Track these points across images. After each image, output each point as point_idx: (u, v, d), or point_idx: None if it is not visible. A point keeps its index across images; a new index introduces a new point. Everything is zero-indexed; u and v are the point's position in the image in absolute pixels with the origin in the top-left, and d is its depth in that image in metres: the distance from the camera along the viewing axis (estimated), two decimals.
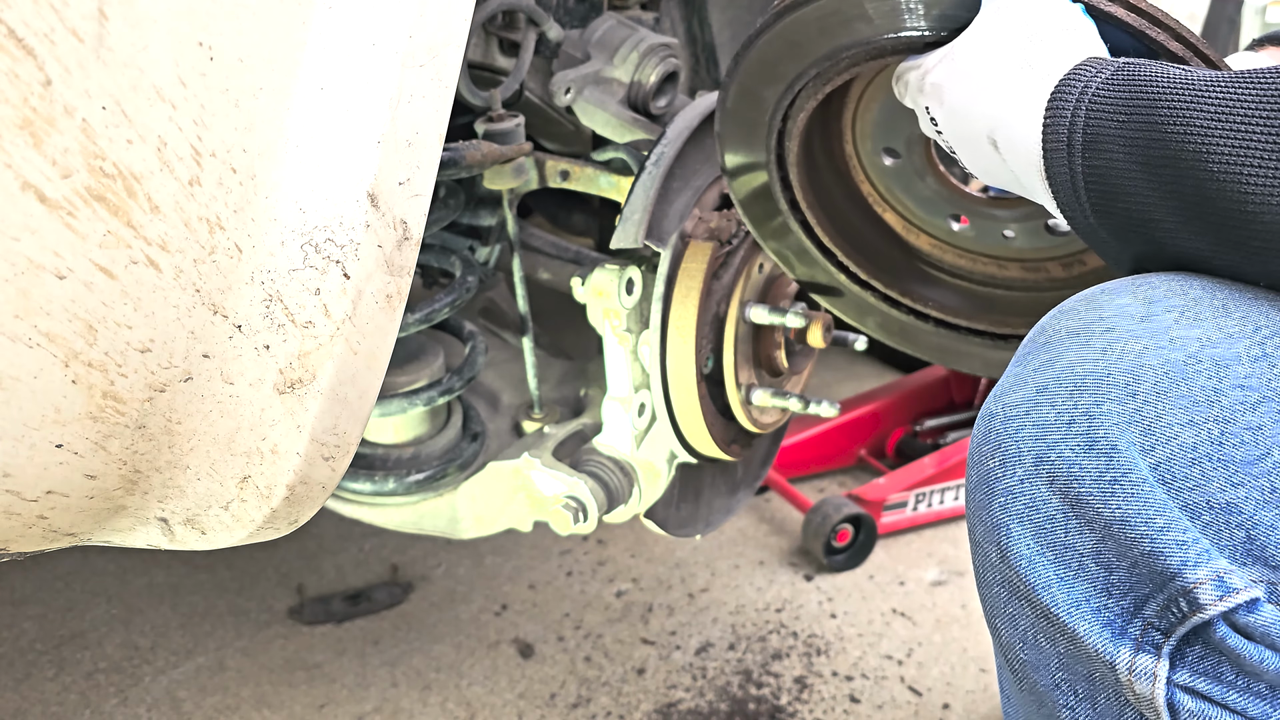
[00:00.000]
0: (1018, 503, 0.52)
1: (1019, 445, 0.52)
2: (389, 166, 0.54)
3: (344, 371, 0.55)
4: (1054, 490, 0.50)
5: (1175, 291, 0.52)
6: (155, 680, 1.38)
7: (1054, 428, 0.51)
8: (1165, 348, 0.49)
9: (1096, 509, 0.49)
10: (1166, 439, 0.47)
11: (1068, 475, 0.50)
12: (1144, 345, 0.50)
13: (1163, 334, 0.50)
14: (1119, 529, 0.48)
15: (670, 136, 0.86)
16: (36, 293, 0.43)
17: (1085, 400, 0.50)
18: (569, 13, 1.01)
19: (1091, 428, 0.49)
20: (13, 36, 0.39)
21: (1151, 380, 0.49)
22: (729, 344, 0.91)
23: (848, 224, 0.87)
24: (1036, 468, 0.51)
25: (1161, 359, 0.49)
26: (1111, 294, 0.54)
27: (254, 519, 0.58)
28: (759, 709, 1.34)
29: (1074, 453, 0.50)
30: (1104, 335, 0.52)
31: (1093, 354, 0.51)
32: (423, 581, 1.62)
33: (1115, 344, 0.51)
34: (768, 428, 1.01)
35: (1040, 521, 0.51)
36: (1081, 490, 0.49)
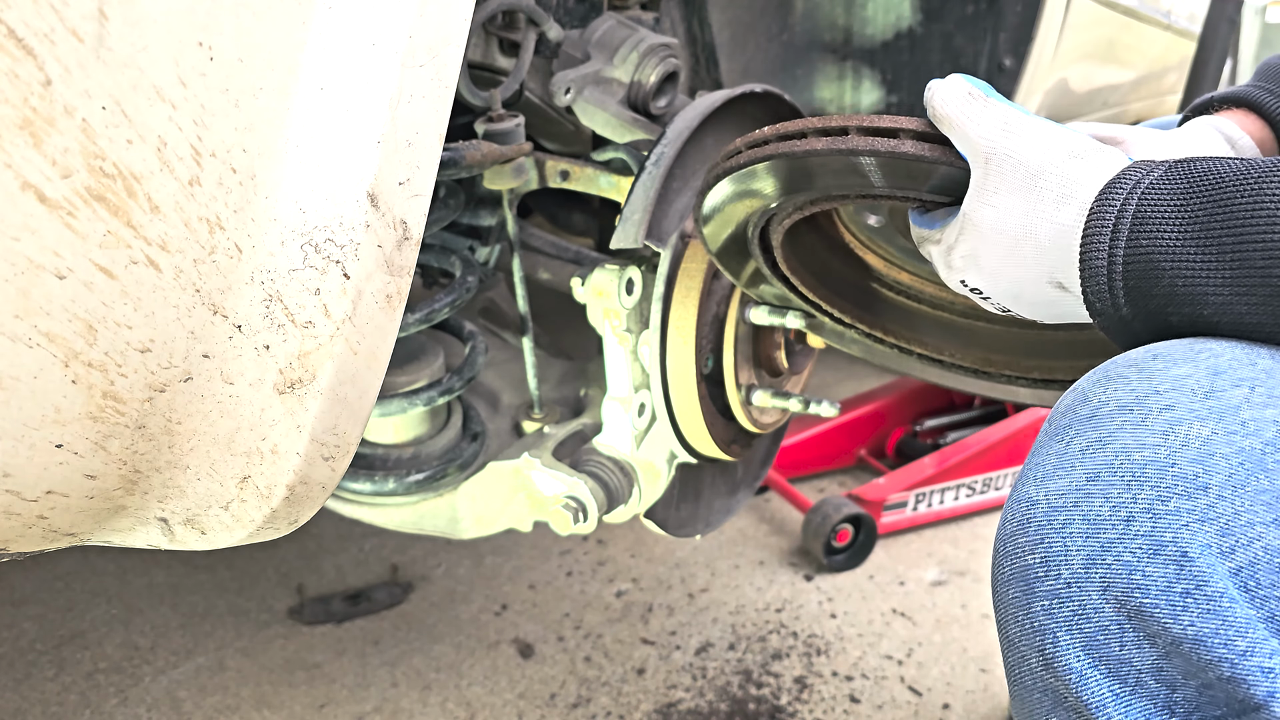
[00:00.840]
0: (1064, 609, 0.46)
1: (1066, 544, 0.46)
2: (389, 166, 0.54)
3: (344, 371, 0.55)
4: (1109, 599, 0.44)
5: (1242, 361, 0.46)
6: (155, 680, 1.38)
7: (1109, 526, 0.44)
8: (1237, 433, 0.43)
9: (1164, 624, 0.43)
10: (1248, 541, 0.41)
11: (1128, 584, 0.44)
12: (1212, 429, 0.44)
13: (1232, 415, 0.44)
14: (1191, 649, 0.42)
15: (670, 136, 0.86)
16: (36, 293, 0.43)
17: (1147, 494, 0.44)
18: (569, 13, 1.01)
19: (1157, 529, 0.43)
20: (13, 36, 0.39)
21: (1225, 472, 0.42)
22: (729, 344, 0.91)
23: (828, 270, 0.86)
24: (1088, 572, 0.45)
25: (1235, 447, 0.43)
26: (1167, 361, 0.48)
27: (254, 519, 0.58)
28: (759, 709, 1.34)
29: (1135, 558, 0.43)
30: (1163, 415, 0.45)
31: (1152, 438, 0.45)
32: (423, 581, 1.63)
33: (1178, 426, 0.44)
34: (768, 428, 1.01)
35: (1092, 633, 0.45)
36: (1145, 602, 0.43)
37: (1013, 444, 1.90)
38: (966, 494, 1.86)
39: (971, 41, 1.31)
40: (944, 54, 1.34)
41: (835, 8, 1.37)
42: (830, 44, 1.40)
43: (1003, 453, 1.88)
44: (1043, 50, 1.35)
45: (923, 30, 1.33)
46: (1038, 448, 0.50)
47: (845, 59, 1.40)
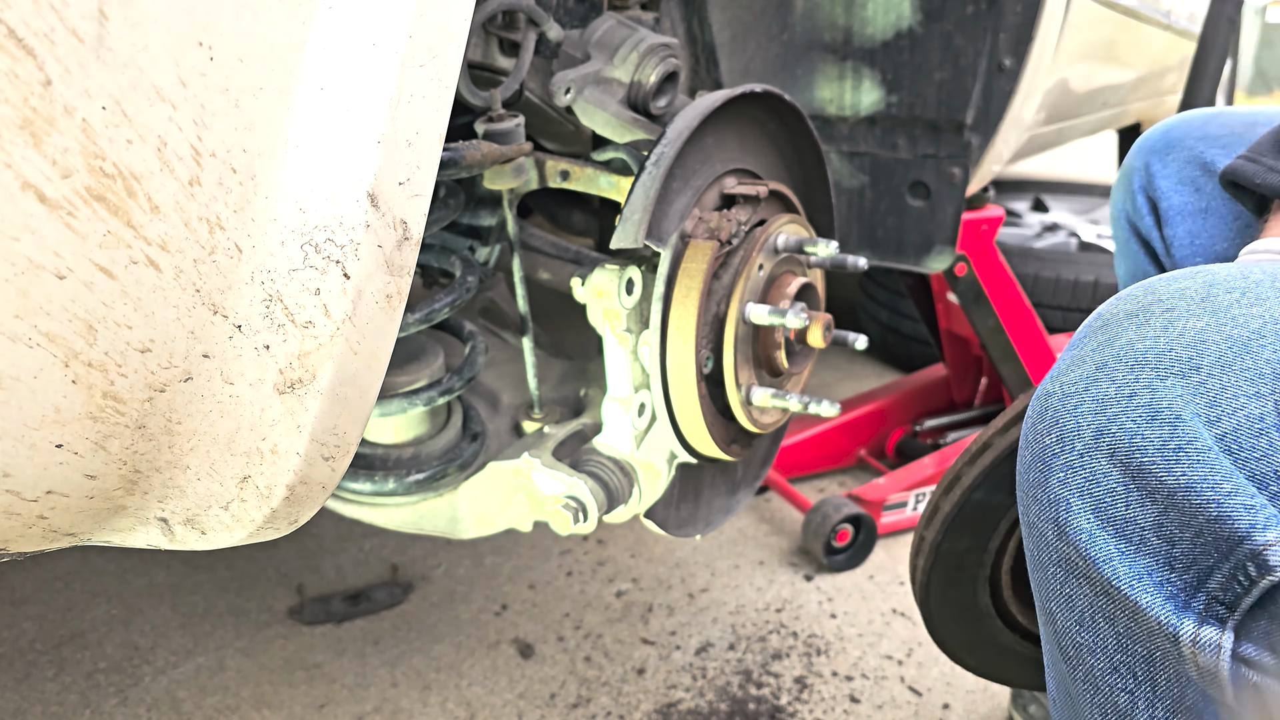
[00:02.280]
0: (1077, 477, 0.51)
1: (1078, 421, 0.51)
2: (389, 166, 0.54)
3: (344, 371, 0.55)
4: (1115, 463, 0.50)
5: (1236, 275, 0.52)
6: (155, 680, 1.38)
7: (1114, 401, 0.50)
8: (1227, 325, 0.49)
9: (1160, 478, 0.48)
10: (1232, 410, 0.47)
11: (1129, 447, 0.49)
12: (1205, 323, 0.50)
13: (1223, 312, 0.50)
14: (1183, 497, 0.47)
15: (670, 136, 0.86)
16: (36, 293, 0.43)
17: (1146, 374, 0.50)
18: (569, 13, 1.01)
19: (1154, 400, 0.49)
20: (13, 36, 0.39)
21: (1215, 354, 0.48)
22: (729, 344, 0.91)
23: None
24: (1096, 441, 0.50)
25: (1224, 335, 0.49)
26: (1170, 280, 0.55)
27: (254, 519, 0.58)
28: (759, 709, 1.34)
29: (1136, 424, 0.49)
30: (1164, 315, 0.51)
31: (1152, 331, 0.51)
32: (423, 581, 1.62)
33: (1175, 322, 0.51)
34: (768, 428, 1.01)
35: (1100, 495, 0.50)
36: (1144, 460, 0.48)
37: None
38: None
39: (971, 41, 1.31)
40: (944, 54, 1.34)
41: (835, 8, 1.37)
42: (830, 44, 1.40)
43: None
44: (1043, 50, 1.35)
45: (923, 30, 1.33)
46: (1060, 359, 0.57)
47: (845, 59, 1.40)
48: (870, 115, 1.43)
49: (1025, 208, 3.06)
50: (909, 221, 1.45)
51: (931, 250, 1.45)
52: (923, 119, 1.39)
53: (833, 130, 1.47)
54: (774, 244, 0.94)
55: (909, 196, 1.44)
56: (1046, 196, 3.12)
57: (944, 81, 1.35)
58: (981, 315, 1.90)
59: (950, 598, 0.97)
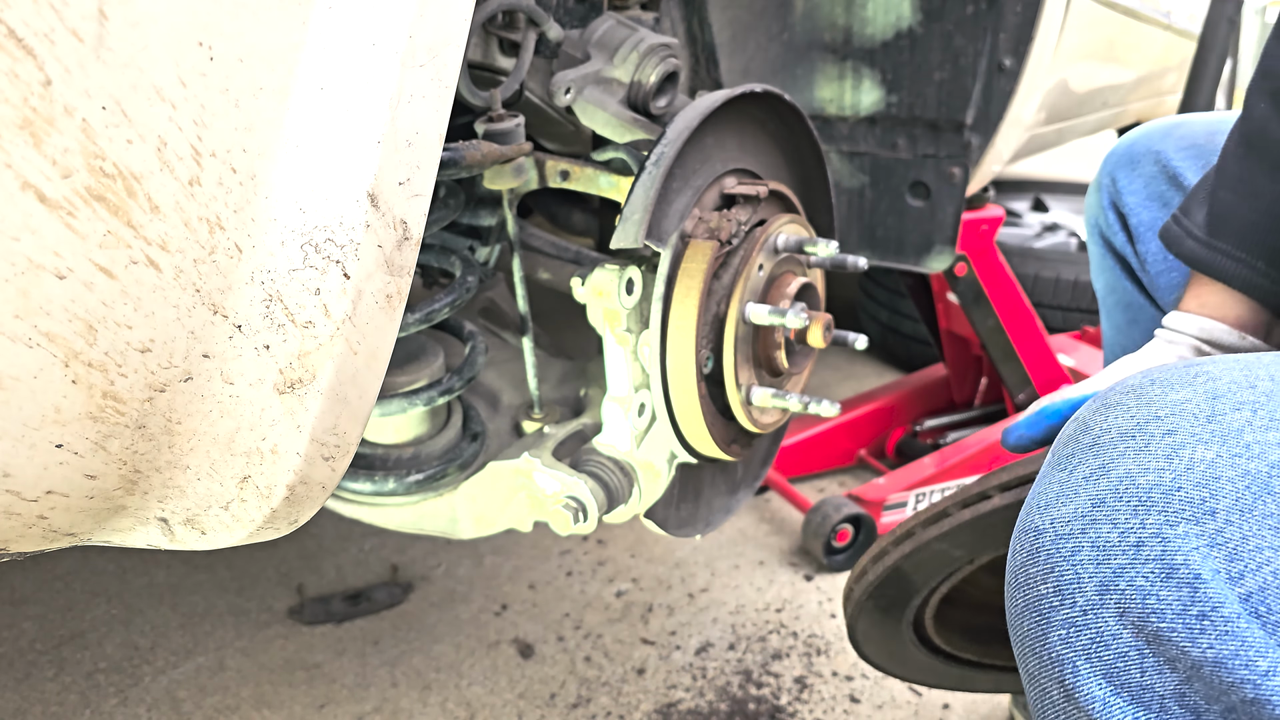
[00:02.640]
0: (1082, 637, 0.45)
1: (1077, 571, 0.45)
2: (389, 166, 0.54)
3: (344, 371, 0.55)
4: (1125, 623, 0.44)
5: (1241, 384, 0.46)
6: (155, 680, 1.38)
7: (1118, 550, 0.44)
8: (1241, 456, 0.43)
9: (1183, 648, 0.42)
10: (1257, 566, 0.41)
11: (1143, 608, 0.43)
12: (1216, 453, 0.43)
13: (1235, 439, 0.43)
14: (1211, 672, 0.41)
15: (670, 136, 0.86)
16: (36, 293, 0.43)
17: (1154, 519, 0.43)
18: (569, 13, 1.01)
19: (1167, 552, 0.43)
20: (13, 36, 0.39)
21: (1231, 496, 0.42)
22: (729, 344, 0.91)
23: (970, 626, 0.99)
24: (1102, 597, 0.44)
25: (1239, 470, 0.43)
26: (1165, 386, 0.48)
27: (254, 519, 0.58)
28: (759, 709, 1.34)
29: (1149, 582, 0.43)
30: (1165, 440, 0.45)
31: (1155, 462, 0.45)
32: (423, 581, 1.63)
33: (1181, 450, 0.44)
34: (768, 428, 1.01)
35: (1111, 660, 0.44)
36: (1162, 625, 0.42)
37: None
38: None
39: (971, 41, 1.31)
40: (944, 54, 1.34)
41: (835, 8, 1.37)
42: (830, 44, 1.40)
43: (1002, 453, 1.88)
44: (1043, 50, 1.35)
45: (923, 30, 1.33)
46: (1041, 478, 0.50)
47: (845, 59, 1.40)
48: (870, 115, 1.43)
49: (1025, 208, 3.06)
50: (909, 221, 1.45)
51: (931, 250, 1.45)
52: (923, 119, 1.39)
53: (833, 130, 1.47)
54: (774, 244, 0.94)
55: (909, 196, 1.44)
56: (1046, 196, 3.12)
57: (944, 81, 1.35)
58: (981, 315, 1.90)
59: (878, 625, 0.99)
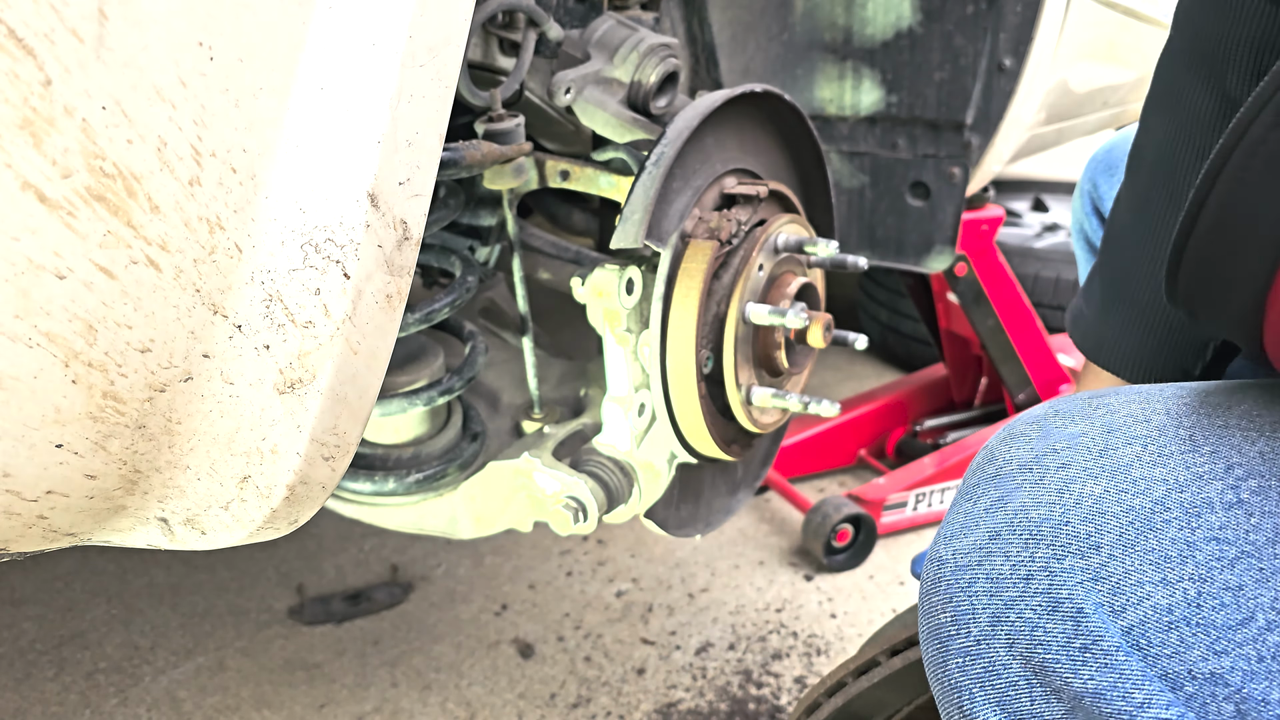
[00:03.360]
0: (975, 665, 0.47)
1: (972, 601, 0.47)
2: (389, 166, 0.54)
3: (344, 371, 0.55)
4: (1014, 654, 0.45)
5: (1136, 418, 0.47)
6: (155, 680, 1.38)
7: (1010, 583, 0.46)
8: (1128, 491, 0.44)
9: (1065, 679, 0.43)
10: (1138, 600, 0.42)
11: (1030, 639, 0.45)
12: (1104, 488, 0.45)
13: (1124, 474, 0.45)
14: (1092, 703, 0.43)
15: (670, 136, 0.86)
16: (36, 293, 0.43)
17: (1043, 553, 0.45)
18: (569, 13, 1.01)
19: (1053, 585, 0.44)
20: (13, 36, 0.39)
21: (1115, 531, 0.43)
22: (729, 344, 0.91)
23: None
24: (994, 629, 0.46)
25: (1124, 505, 0.44)
26: (1065, 418, 0.50)
27: (254, 519, 0.58)
28: (759, 709, 1.34)
29: (1035, 614, 0.44)
30: (1059, 474, 0.47)
31: (1048, 496, 0.46)
32: (423, 581, 1.63)
33: (1072, 485, 0.46)
34: (768, 428, 1.01)
35: (1002, 688, 0.46)
36: (1047, 657, 0.44)
37: None
38: None
39: (971, 41, 1.31)
40: (944, 54, 1.34)
41: (835, 8, 1.37)
42: (830, 44, 1.40)
43: None
44: (1043, 50, 1.35)
45: (923, 30, 1.33)
46: (951, 508, 0.52)
47: (845, 59, 1.40)
48: (870, 115, 1.43)
49: (1025, 208, 3.06)
50: (909, 221, 1.45)
51: (931, 250, 1.45)
52: (923, 119, 1.39)
53: (833, 130, 1.47)
54: (774, 244, 0.94)
55: (909, 196, 1.44)
56: (1046, 196, 3.12)
57: (944, 81, 1.35)
58: (981, 315, 1.90)
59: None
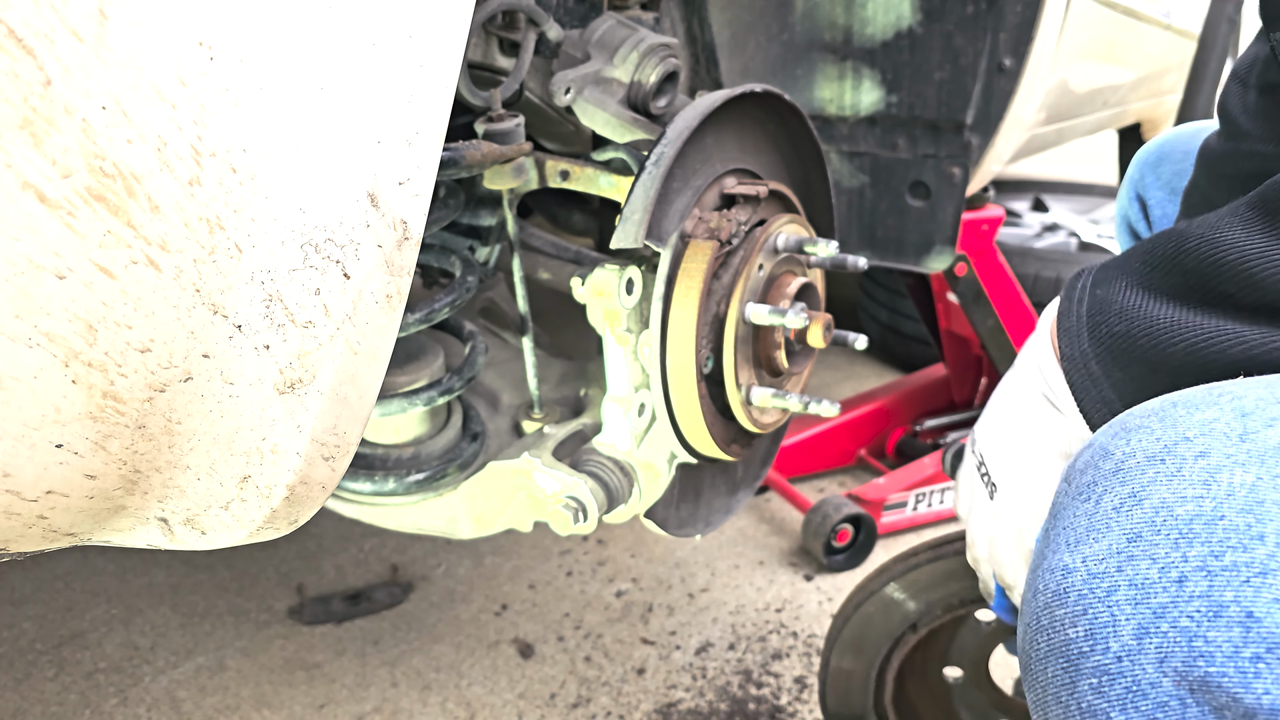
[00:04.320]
0: (1117, 687, 0.41)
1: (1113, 613, 0.42)
2: (389, 166, 0.54)
3: (344, 371, 0.55)
4: (1167, 671, 0.40)
5: (1267, 400, 0.43)
6: (155, 680, 1.38)
7: (1160, 589, 0.40)
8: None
9: (1234, 694, 0.38)
10: None
11: (1188, 652, 0.39)
12: (1256, 475, 0.40)
13: (1274, 457, 0.40)
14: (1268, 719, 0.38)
15: (670, 136, 0.86)
16: (36, 293, 0.43)
17: (1197, 551, 0.40)
18: (569, 13, 1.01)
19: (1214, 587, 0.39)
20: (13, 36, 0.39)
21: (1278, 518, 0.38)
22: (729, 344, 0.91)
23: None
24: (1141, 642, 0.41)
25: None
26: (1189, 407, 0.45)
27: (254, 519, 0.58)
28: (759, 709, 1.34)
29: (1194, 622, 0.39)
30: (1199, 463, 0.42)
31: (1192, 489, 0.41)
32: (423, 581, 1.63)
33: (1218, 474, 0.41)
34: (768, 428, 1.01)
35: (1150, 711, 0.41)
36: (1210, 671, 0.39)
37: None
38: None
39: (971, 41, 1.31)
40: (944, 54, 1.34)
41: (835, 8, 1.37)
42: (830, 44, 1.40)
43: None
44: (1043, 50, 1.35)
45: (923, 30, 1.33)
46: (1062, 510, 0.47)
47: (845, 59, 1.40)
48: (870, 115, 1.43)
49: (1025, 208, 3.06)
50: (909, 221, 1.45)
51: (931, 250, 1.45)
52: (923, 119, 1.39)
53: (833, 130, 1.47)
54: (774, 244, 0.94)
55: (909, 196, 1.44)
56: (1046, 196, 3.12)
57: (944, 81, 1.35)
58: (981, 315, 1.90)
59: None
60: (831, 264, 0.99)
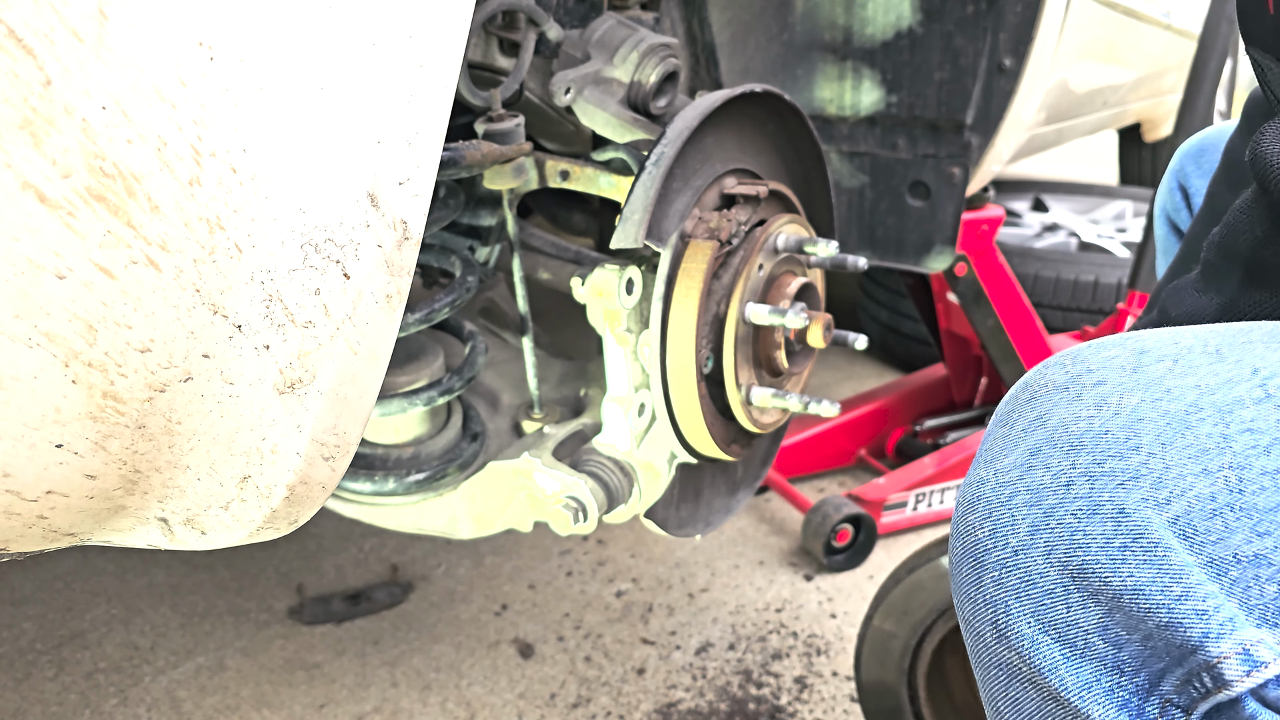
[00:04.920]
0: (1012, 577, 0.48)
1: (1012, 514, 0.48)
2: (389, 166, 0.54)
3: (344, 371, 0.55)
4: (1052, 561, 0.46)
5: (1165, 342, 0.50)
6: (155, 680, 1.38)
7: (1050, 492, 0.47)
8: (1162, 399, 0.46)
9: (1104, 579, 0.44)
10: (1180, 491, 0.43)
11: (1069, 544, 0.45)
12: (1140, 398, 0.46)
13: (1157, 384, 0.47)
14: (1130, 600, 0.44)
15: (670, 136, 0.86)
16: (36, 293, 0.43)
17: (1083, 460, 0.46)
18: (569, 13, 1.01)
19: (1094, 489, 0.45)
20: (13, 36, 0.39)
21: (1153, 433, 0.45)
22: (729, 344, 0.91)
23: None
24: (1033, 538, 0.47)
25: (1160, 410, 0.45)
26: (1098, 348, 0.52)
27: (254, 519, 0.58)
28: (759, 709, 1.34)
29: (1075, 519, 0.45)
30: (1095, 389, 0.49)
31: (1085, 410, 0.48)
32: (423, 581, 1.63)
33: (1109, 398, 0.48)
34: (768, 428, 1.01)
35: (1039, 598, 0.47)
36: (1086, 559, 0.45)
37: None
38: None
39: (971, 41, 1.31)
40: (944, 54, 1.34)
41: (835, 8, 1.37)
42: (830, 44, 1.40)
43: None
44: (1043, 50, 1.35)
45: (923, 30, 1.33)
46: (987, 435, 0.54)
47: (845, 59, 1.40)
48: (870, 115, 1.43)
49: (1025, 208, 3.06)
50: (909, 221, 1.45)
51: (931, 250, 1.45)
52: (923, 119, 1.39)
53: (833, 130, 1.47)
54: (774, 244, 0.94)
55: (909, 196, 1.44)
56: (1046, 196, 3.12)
57: (944, 81, 1.35)
58: (981, 315, 1.90)
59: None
60: (831, 264, 0.99)
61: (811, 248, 0.95)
